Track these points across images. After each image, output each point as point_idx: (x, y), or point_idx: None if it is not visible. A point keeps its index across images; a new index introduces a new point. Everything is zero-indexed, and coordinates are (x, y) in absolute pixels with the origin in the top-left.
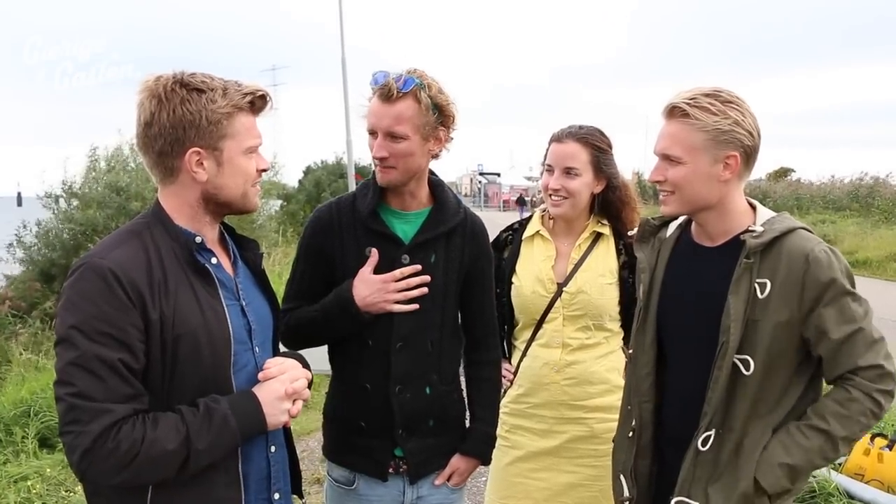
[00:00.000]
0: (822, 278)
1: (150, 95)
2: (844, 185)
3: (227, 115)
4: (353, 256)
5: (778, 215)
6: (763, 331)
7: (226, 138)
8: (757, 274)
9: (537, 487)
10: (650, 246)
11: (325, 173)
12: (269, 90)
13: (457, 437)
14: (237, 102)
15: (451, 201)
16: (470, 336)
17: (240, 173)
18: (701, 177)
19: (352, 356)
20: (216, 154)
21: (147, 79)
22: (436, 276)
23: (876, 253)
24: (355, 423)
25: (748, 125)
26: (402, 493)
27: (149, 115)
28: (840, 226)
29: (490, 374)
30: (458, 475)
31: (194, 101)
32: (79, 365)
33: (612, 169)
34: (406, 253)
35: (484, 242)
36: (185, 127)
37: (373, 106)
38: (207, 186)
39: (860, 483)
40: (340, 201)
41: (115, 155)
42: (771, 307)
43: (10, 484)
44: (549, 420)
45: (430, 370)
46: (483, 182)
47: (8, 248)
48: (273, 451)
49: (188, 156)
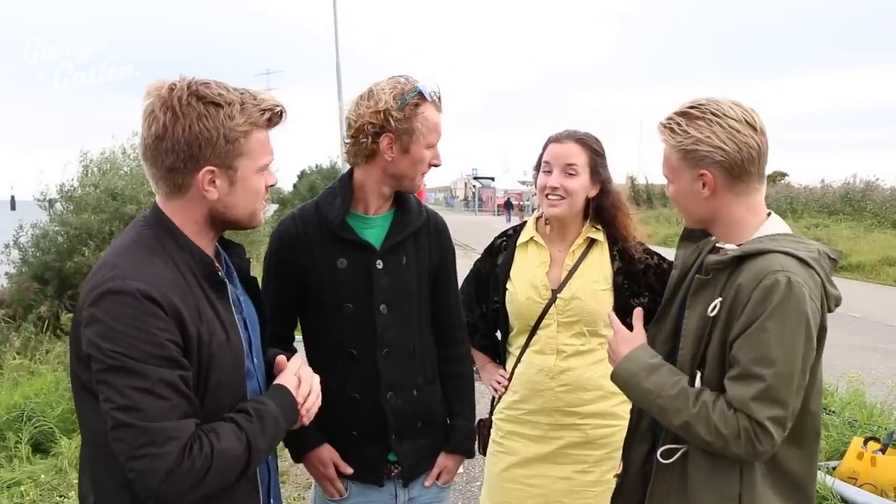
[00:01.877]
0: (761, 306)
1: (164, 107)
2: (837, 188)
3: (245, 133)
4: (325, 267)
5: (771, 235)
6: (711, 350)
7: (241, 157)
8: (719, 292)
9: (532, 494)
10: (695, 246)
11: (319, 177)
12: (285, 104)
13: (442, 435)
14: (255, 119)
15: (412, 202)
16: (440, 333)
17: (251, 192)
18: (685, 194)
19: (336, 367)
20: (230, 173)
21: (158, 86)
22: (409, 278)
23: (869, 257)
24: (346, 433)
25: (717, 141)
26: (395, 496)
27: (161, 129)
28: (833, 230)
29: (462, 368)
30: (447, 473)
31: (211, 117)
32: (141, 389)
33: (607, 174)
34: (379, 258)
35: (447, 239)
36: (201, 145)
37: (437, 118)
38: (217, 205)
39: (854, 487)
40: (304, 212)
41: (108, 159)
42: (718, 325)
43: (3, 489)
44: (543, 426)
45: (416, 373)
46: (477, 186)
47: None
48: (269, 458)
49: (202, 174)
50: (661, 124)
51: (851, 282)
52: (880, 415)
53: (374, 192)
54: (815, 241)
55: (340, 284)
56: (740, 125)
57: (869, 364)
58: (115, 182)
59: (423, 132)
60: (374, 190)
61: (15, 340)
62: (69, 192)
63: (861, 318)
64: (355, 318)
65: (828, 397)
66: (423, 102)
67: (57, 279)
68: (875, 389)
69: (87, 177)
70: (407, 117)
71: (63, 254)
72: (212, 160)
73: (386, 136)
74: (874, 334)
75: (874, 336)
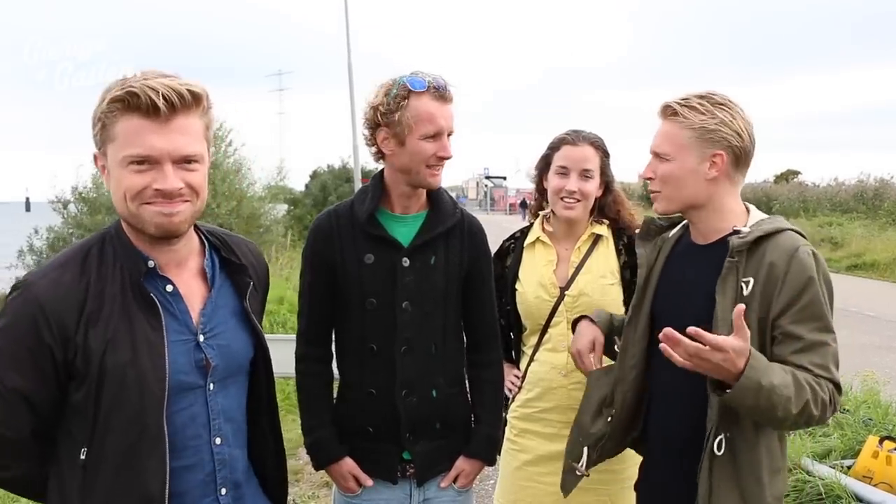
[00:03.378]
0: (802, 278)
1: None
2: (850, 187)
3: (106, 113)
4: (353, 263)
5: (770, 217)
6: (750, 325)
7: (108, 143)
8: (742, 273)
9: (546, 492)
10: (653, 244)
11: (331, 177)
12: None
13: (463, 438)
14: (116, 97)
15: (447, 202)
16: (471, 337)
17: (118, 186)
18: (687, 173)
19: (356, 362)
20: (105, 161)
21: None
22: (436, 278)
23: (884, 255)
24: (362, 429)
25: (737, 126)
26: (409, 495)
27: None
28: (847, 228)
29: (491, 375)
30: (464, 477)
31: (99, 100)
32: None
33: (611, 173)
34: (406, 256)
35: (482, 242)
36: (93, 131)
37: (432, 108)
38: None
39: (869, 486)
40: (339, 208)
41: None
42: (753, 305)
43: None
44: (556, 424)
45: (436, 373)
46: (489, 186)
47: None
48: (223, 494)
49: (97, 160)
50: (680, 103)
51: (866, 280)
52: (895, 414)
53: (397, 190)
54: (829, 239)
55: (366, 279)
56: (749, 119)
57: (884, 363)
58: None
59: (413, 123)
60: (395, 187)
61: None
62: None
63: (875, 317)
64: (377, 314)
65: (842, 396)
66: (413, 94)
67: None
68: (890, 388)
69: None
70: (393, 110)
71: None
72: (97, 145)
73: (381, 130)
74: (889, 333)
75: (889, 335)
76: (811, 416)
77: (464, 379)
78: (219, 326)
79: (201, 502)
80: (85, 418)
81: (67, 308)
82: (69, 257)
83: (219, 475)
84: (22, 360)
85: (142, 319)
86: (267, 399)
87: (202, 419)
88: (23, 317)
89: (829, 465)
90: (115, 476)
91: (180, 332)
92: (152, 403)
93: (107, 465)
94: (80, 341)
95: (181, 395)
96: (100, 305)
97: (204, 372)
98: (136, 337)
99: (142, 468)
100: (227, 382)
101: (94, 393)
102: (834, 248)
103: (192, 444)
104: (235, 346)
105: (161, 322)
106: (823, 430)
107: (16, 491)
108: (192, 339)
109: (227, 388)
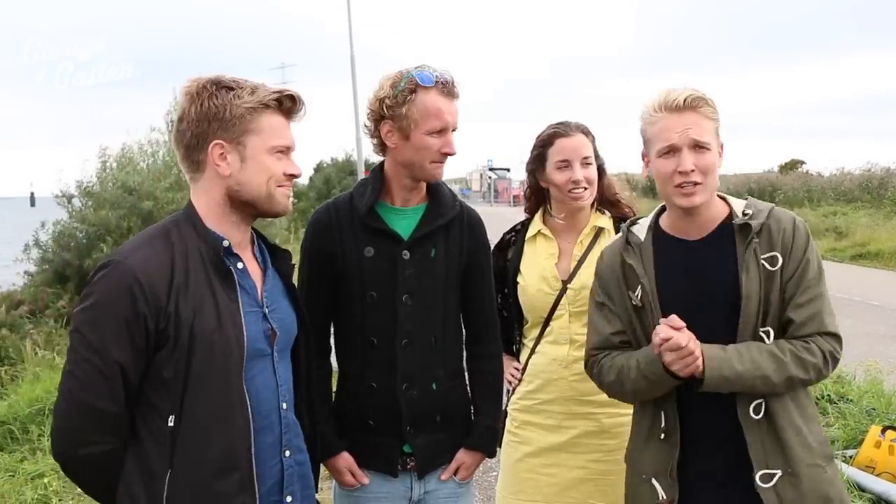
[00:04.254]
0: (802, 243)
1: (185, 94)
2: (855, 176)
3: (252, 110)
4: (352, 255)
5: (749, 200)
6: (775, 301)
7: (249, 133)
8: (761, 251)
9: (547, 483)
10: (632, 252)
11: (334, 170)
12: (301, 93)
13: (463, 431)
14: (263, 99)
15: (446, 195)
16: (470, 329)
17: (263, 171)
18: (717, 163)
19: (357, 355)
20: (239, 149)
21: (191, 81)
22: (437, 271)
23: (888, 244)
24: (363, 422)
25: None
26: (410, 488)
27: (181, 111)
28: (851, 217)
29: (491, 367)
30: (465, 469)
31: (221, 96)
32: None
33: (602, 158)
34: (406, 249)
35: (481, 235)
36: (209, 120)
37: (440, 104)
38: (230, 182)
39: (871, 475)
40: (338, 201)
41: (126, 155)
42: (776, 278)
43: (27, 481)
44: (557, 415)
45: (436, 366)
46: (493, 178)
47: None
48: (287, 456)
49: (211, 148)
50: (697, 97)
51: (870, 270)
52: None
53: (398, 183)
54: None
55: (366, 273)
56: None
57: (888, 352)
58: (132, 178)
59: (419, 118)
60: (396, 180)
61: (35, 336)
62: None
63: (879, 306)
64: (378, 307)
65: (845, 385)
66: (421, 88)
67: (77, 276)
68: (893, 378)
69: (104, 172)
70: (400, 104)
71: (83, 251)
72: (220, 134)
73: (385, 123)
74: (893, 322)
75: (893, 324)
76: (806, 381)
77: (464, 371)
78: (275, 302)
79: (270, 462)
80: (173, 387)
81: (159, 279)
82: (153, 236)
83: (284, 437)
84: (121, 332)
85: (221, 291)
86: (306, 379)
87: (272, 384)
88: (119, 290)
89: None
90: (207, 439)
91: (251, 304)
92: (235, 368)
93: (196, 431)
94: (171, 310)
95: (255, 362)
96: (185, 278)
97: (270, 341)
98: (218, 306)
99: (231, 429)
100: (283, 354)
101: (185, 359)
102: (838, 238)
103: (265, 409)
104: (288, 321)
105: (237, 294)
106: (826, 419)
107: (94, 472)
108: (259, 311)
109: (283, 359)
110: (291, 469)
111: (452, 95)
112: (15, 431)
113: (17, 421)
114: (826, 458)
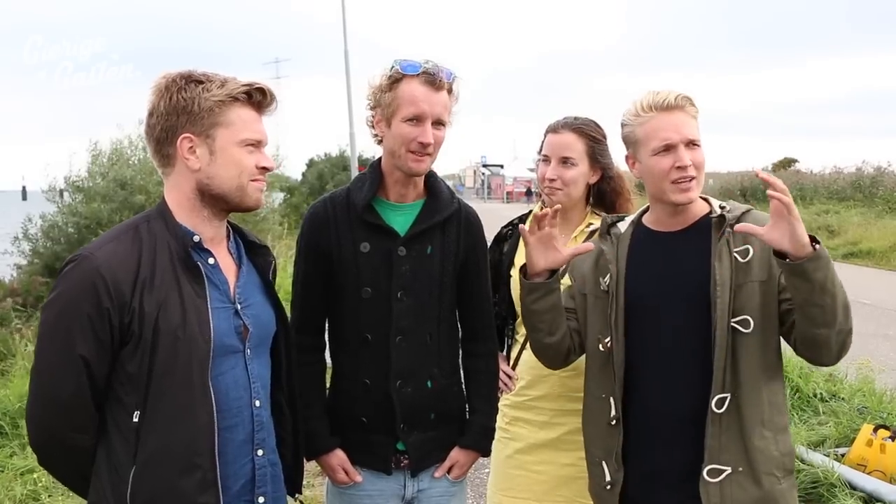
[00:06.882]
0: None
1: (155, 88)
2: (847, 175)
3: (220, 103)
4: (348, 251)
5: (729, 201)
6: (752, 290)
7: (218, 126)
8: (734, 244)
9: (537, 480)
10: (609, 241)
11: (328, 165)
12: (272, 86)
13: (457, 429)
14: (232, 92)
15: (444, 192)
16: (466, 327)
17: (233, 164)
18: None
19: (351, 351)
20: (208, 142)
21: (161, 77)
22: (433, 268)
23: (880, 243)
24: (356, 419)
25: None
26: (403, 486)
27: (151, 106)
28: (844, 216)
29: (487, 365)
30: (458, 468)
31: (190, 90)
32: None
33: (607, 160)
34: (402, 245)
35: (478, 232)
36: (178, 114)
37: (418, 92)
38: (200, 176)
39: (862, 474)
40: (335, 196)
41: (117, 149)
42: (752, 270)
43: (16, 476)
44: (548, 412)
45: (431, 363)
46: (486, 174)
47: (14, 242)
48: (260, 455)
49: (180, 142)
50: (688, 97)
51: (862, 268)
52: (890, 402)
53: (391, 177)
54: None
55: (361, 268)
56: None
57: (879, 351)
58: (123, 172)
59: (397, 105)
60: (390, 174)
61: (25, 330)
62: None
63: (871, 305)
64: (372, 303)
65: (837, 384)
66: (405, 77)
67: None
68: (885, 377)
69: (95, 166)
70: (384, 91)
71: (73, 243)
72: (188, 128)
73: (376, 112)
74: (885, 321)
75: (884, 323)
76: (849, 332)
77: (459, 369)
78: (249, 298)
79: (240, 462)
80: (138, 382)
81: (124, 274)
82: (120, 232)
83: (256, 436)
84: (84, 327)
85: (188, 287)
86: (287, 375)
87: (243, 381)
88: (83, 285)
89: (822, 454)
90: (168, 436)
91: (221, 300)
92: (200, 364)
93: (159, 427)
94: (135, 305)
95: (224, 358)
96: (151, 273)
97: (242, 338)
98: (184, 302)
99: (192, 427)
100: (258, 351)
101: (149, 354)
102: (830, 236)
103: (235, 406)
104: (264, 318)
105: (205, 290)
106: (818, 418)
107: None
108: (230, 307)
109: (259, 356)
110: (264, 469)
111: (437, 87)
112: (4, 427)
113: (6, 416)
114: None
